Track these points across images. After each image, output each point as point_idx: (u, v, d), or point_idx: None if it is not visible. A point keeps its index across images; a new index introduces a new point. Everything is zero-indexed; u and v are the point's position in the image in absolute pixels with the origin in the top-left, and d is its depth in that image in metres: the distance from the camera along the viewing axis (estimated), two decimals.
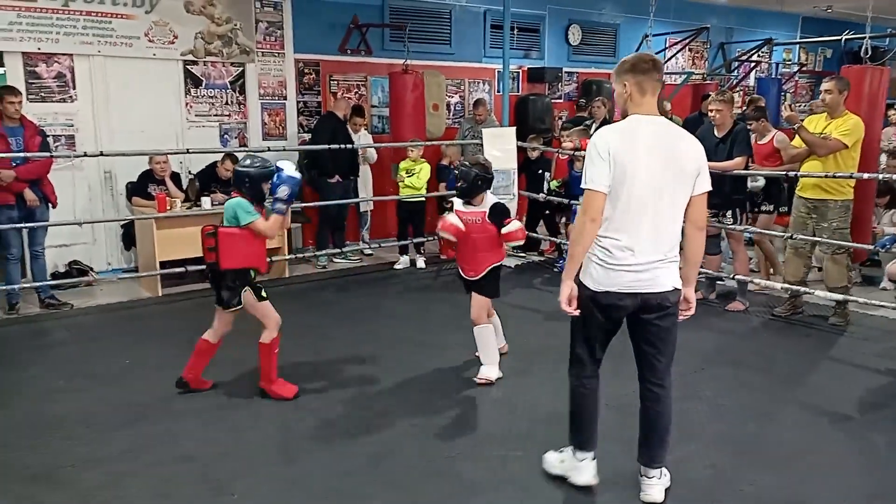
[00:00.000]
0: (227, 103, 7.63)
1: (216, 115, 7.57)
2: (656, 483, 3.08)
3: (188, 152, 6.75)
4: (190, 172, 7.10)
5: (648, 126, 2.81)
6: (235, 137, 7.69)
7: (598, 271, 2.83)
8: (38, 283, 5.94)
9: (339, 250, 7.55)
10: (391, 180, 7.91)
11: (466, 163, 4.37)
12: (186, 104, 7.36)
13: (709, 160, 5.45)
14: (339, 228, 7.60)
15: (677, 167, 2.79)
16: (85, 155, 6.31)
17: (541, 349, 4.98)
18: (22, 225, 5.72)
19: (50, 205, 5.93)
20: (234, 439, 3.69)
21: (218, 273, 4.01)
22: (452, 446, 3.62)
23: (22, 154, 5.60)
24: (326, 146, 6.90)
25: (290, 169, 4.02)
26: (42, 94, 6.55)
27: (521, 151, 7.70)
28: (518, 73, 9.80)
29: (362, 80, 8.57)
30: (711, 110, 5.75)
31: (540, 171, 7.61)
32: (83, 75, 6.73)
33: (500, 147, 7.45)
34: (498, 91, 9.50)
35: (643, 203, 2.76)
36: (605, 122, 7.75)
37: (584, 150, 6.62)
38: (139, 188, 6.67)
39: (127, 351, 4.94)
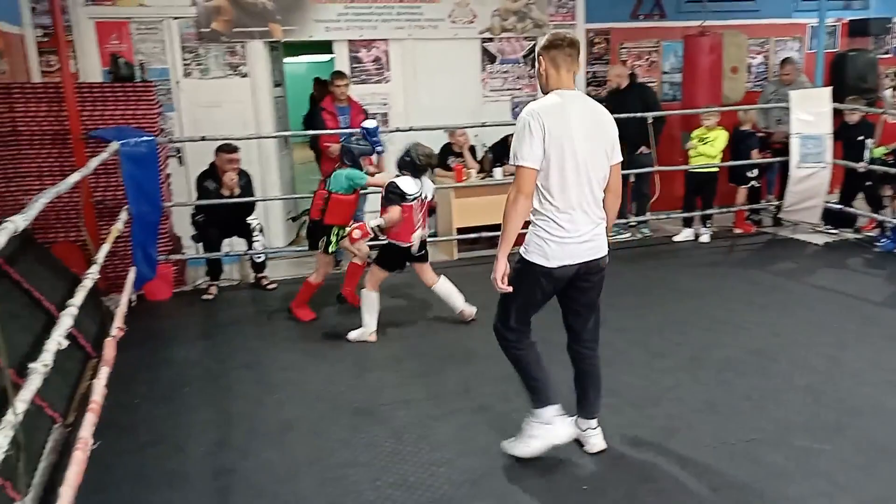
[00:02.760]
0: (518, 77, 7.89)
1: (508, 90, 7.88)
2: (598, 433, 3.28)
3: (483, 126, 7.13)
4: (484, 145, 7.49)
5: (573, 100, 2.95)
6: None
7: (553, 247, 2.94)
8: None
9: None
10: (679, 150, 7.57)
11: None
12: (482, 80, 7.76)
13: None
14: None
15: (602, 137, 2.97)
16: (397, 130, 6.99)
17: (854, 337, 4.46)
18: None
19: None
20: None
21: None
22: (752, 430, 3.42)
23: (349, 131, 6.38)
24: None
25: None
26: (363, 76, 7.38)
27: (838, 115, 6.85)
28: (836, 26, 8.68)
29: (654, 46, 8.27)
30: None
31: (860, 138, 6.69)
32: (396, 58, 7.43)
33: (812, 110, 6.73)
34: (810, 48, 8.52)
35: (580, 174, 2.89)
36: None
37: None
38: (440, 160, 7.21)
39: (432, 306, 5.39)
